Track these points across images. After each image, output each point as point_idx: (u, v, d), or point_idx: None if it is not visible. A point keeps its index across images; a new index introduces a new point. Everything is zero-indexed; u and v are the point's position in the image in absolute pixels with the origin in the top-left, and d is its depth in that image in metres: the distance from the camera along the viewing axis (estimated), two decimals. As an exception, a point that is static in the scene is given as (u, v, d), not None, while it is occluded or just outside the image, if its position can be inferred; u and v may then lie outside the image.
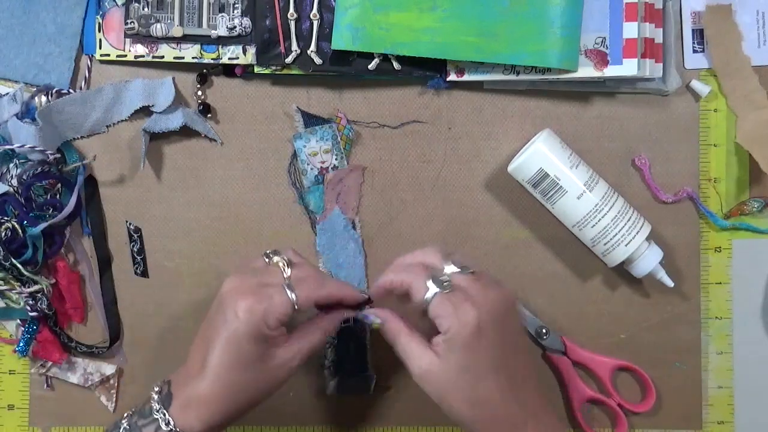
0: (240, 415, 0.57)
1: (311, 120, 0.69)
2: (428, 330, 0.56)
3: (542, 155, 0.64)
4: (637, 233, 0.64)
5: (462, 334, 0.53)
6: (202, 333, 0.57)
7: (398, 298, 0.58)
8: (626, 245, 0.64)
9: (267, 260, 0.58)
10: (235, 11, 0.67)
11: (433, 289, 0.55)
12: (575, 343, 0.69)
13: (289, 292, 0.55)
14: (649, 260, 0.65)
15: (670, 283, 0.66)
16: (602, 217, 0.64)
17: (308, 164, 0.69)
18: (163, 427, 0.55)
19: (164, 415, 0.55)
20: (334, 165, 0.69)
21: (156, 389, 0.57)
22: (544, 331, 0.69)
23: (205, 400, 0.55)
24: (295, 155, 0.70)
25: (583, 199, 0.64)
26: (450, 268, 0.56)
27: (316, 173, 0.69)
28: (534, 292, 0.70)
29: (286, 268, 0.57)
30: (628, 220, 0.64)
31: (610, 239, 0.64)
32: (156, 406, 0.55)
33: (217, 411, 0.55)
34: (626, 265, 0.66)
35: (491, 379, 0.54)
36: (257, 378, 0.56)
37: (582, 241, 0.66)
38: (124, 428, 0.56)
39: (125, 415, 0.57)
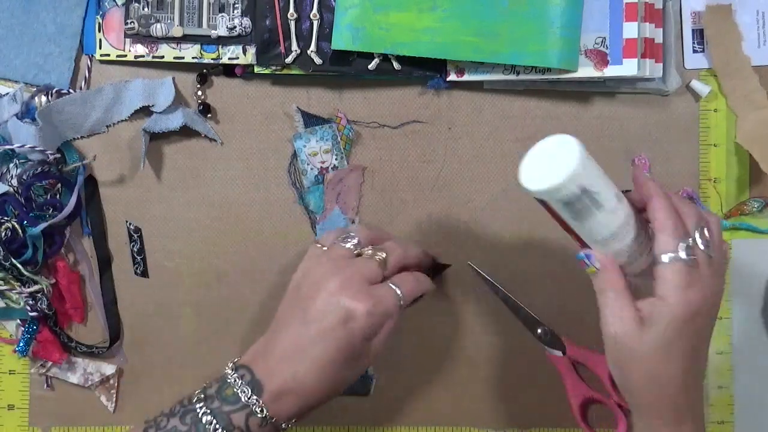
0: (327, 401, 0.57)
1: (311, 120, 0.69)
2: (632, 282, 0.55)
3: (583, 174, 0.51)
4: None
5: (678, 313, 0.52)
6: (296, 322, 0.56)
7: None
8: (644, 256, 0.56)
9: (351, 247, 0.59)
10: (235, 11, 0.67)
11: (679, 253, 0.52)
12: (575, 343, 0.69)
13: (398, 292, 0.57)
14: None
15: None
16: (627, 234, 0.54)
17: (308, 164, 0.69)
18: (258, 414, 0.54)
19: (258, 402, 0.54)
20: (334, 165, 0.69)
21: (233, 372, 0.56)
22: (543, 330, 0.68)
23: (306, 392, 0.55)
24: (295, 155, 0.70)
25: (617, 212, 0.53)
26: (699, 240, 0.53)
27: (316, 173, 0.69)
28: (534, 292, 0.70)
29: (385, 265, 0.58)
30: (644, 237, 0.56)
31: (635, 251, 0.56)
32: (246, 391, 0.54)
33: (313, 401, 0.56)
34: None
35: (681, 364, 0.53)
36: (351, 369, 0.57)
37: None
38: (205, 413, 0.54)
39: (194, 399, 0.55)
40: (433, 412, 0.71)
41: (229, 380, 0.55)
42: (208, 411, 0.54)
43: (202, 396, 0.55)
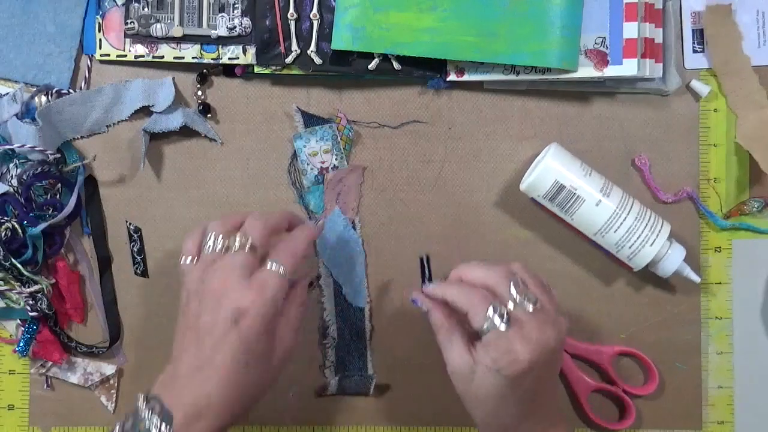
0: (247, 413, 0.56)
1: (311, 120, 0.69)
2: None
3: (555, 168, 0.64)
4: (659, 233, 0.64)
5: (508, 372, 0.53)
6: (192, 344, 0.55)
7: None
8: (651, 245, 0.64)
9: (212, 245, 0.56)
10: (235, 11, 0.67)
11: (491, 321, 0.53)
12: (573, 338, 0.69)
13: (279, 268, 0.55)
14: (674, 258, 0.65)
15: (697, 279, 0.66)
16: (623, 221, 0.63)
17: (308, 164, 0.69)
18: None
19: None
20: (334, 165, 0.69)
21: (144, 405, 0.54)
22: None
23: (217, 410, 0.53)
24: (295, 155, 0.70)
25: (601, 205, 0.63)
26: (512, 297, 0.55)
27: (316, 173, 0.69)
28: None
29: (254, 248, 0.56)
30: (648, 220, 0.64)
31: (635, 241, 0.64)
32: (157, 424, 0.52)
33: (227, 415, 0.54)
34: (651, 266, 0.65)
35: (517, 409, 0.55)
36: (264, 371, 0.55)
37: (604, 248, 0.66)
38: None
39: None
40: (433, 412, 0.71)
41: (141, 414, 0.53)
42: None
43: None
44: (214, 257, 0.56)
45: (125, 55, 0.68)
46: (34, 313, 0.68)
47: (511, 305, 0.54)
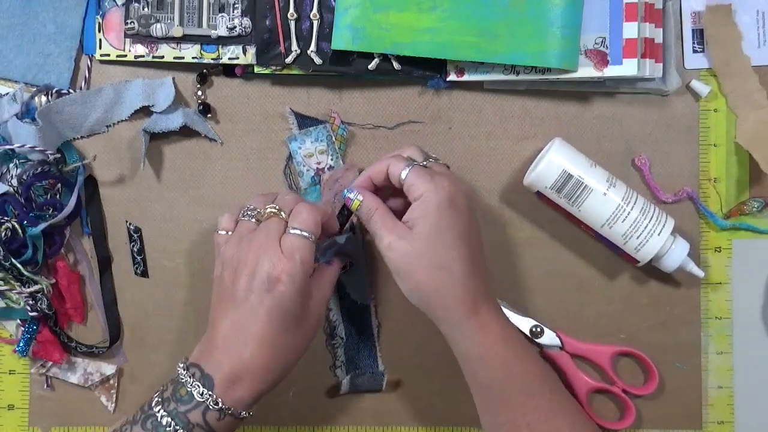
0: (284, 377, 0.58)
1: (305, 121, 0.69)
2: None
3: (562, 158, 0.64)
4: (664, 224, 0.64)
5: (437, 197, 0.57)
6: (229, 310, 0.57)
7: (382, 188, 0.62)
8: (658, 235, 0.64)
9: (250, 215, 0.59)
10: (235, 11, 0.67)
11: (411, 165, 0.59)
12: (572, 337, 0.69)
13: (306, 234, 0.57)
14: (678, 253, 0.65)
15: (701, 274, 0.66)
16: (631, 210, 0.64)
17: (304, 166, 0.69)
18: (213, 408, 0.55)
19: (212, 396, 0.55)
20: (330, 165, 0.69)
21: (185, 372, 0.56)
22: (538, 329, 0.69)
23: (257, 373, 0.56)
24: (290, 157, 0.70)
25: (609, 195, 0.64)
26: (421, 157, 0.61)
27: (312, 174, 0.69)
28: (534, 293, 0.70)
29: (282, 215, 0.59)
30: (653, 213, 0.64)
31: (642, 231, 0.64)
32: (198, 389, 0.55)
33: (265, 379, 0.56)
34: (655, 261, 0.65)
35: (458, 247, 0.57)
36: (300, 334, 0.58)
37: (612, 241, 0.65)
38: (163, 416, 0.55)
39: (153, 403, 0.56)
40: (434, 412, 0.71)
41: (182, 380, 0.56)
42: (166, 413, 0.55)
43: (160, 399, 0.56)
44: (249, 228, 0.59)
45: (125, 55, 0.68)
46: (34, 313, 0.68)
47: (420, 161, 0.60)
